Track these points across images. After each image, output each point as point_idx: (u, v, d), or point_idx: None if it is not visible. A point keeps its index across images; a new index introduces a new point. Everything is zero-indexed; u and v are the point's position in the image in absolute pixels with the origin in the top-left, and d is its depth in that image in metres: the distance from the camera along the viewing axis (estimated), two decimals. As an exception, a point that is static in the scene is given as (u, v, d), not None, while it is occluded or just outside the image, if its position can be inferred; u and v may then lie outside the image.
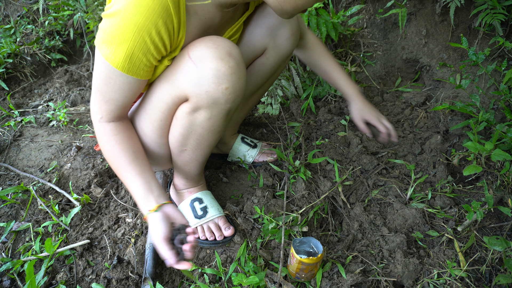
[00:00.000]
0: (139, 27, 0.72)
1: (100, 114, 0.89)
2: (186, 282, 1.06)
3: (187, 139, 0.98)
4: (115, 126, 0.91)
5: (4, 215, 1.25)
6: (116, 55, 0.76)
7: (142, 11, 0.71)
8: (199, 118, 0.91)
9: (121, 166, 0.89)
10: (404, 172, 1.32)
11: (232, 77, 0.84)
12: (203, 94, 0.84)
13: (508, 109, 1.27)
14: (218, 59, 0.81)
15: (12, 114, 1.78)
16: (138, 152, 0.92)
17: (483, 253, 1.08)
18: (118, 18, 0.72)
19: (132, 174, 0.88)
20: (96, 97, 0.87)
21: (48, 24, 2.27)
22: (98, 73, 0.83)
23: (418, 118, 1.53)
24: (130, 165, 0.89)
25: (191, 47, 0.83)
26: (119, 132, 0.91)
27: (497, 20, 1.41)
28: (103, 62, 0.79)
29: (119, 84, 0.83)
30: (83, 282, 1.06)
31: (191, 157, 1.06)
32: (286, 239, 1.11)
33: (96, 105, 0.88)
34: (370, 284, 1.01)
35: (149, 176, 0.90)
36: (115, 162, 0.90)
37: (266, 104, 1.70)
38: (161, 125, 0.97)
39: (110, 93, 0.84)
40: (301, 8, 0.81)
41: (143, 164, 0.91)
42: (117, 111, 0.89)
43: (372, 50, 1.77)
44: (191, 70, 0.83)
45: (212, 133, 0.97)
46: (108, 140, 0.90)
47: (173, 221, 0.87)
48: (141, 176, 0.88)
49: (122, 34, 0.73)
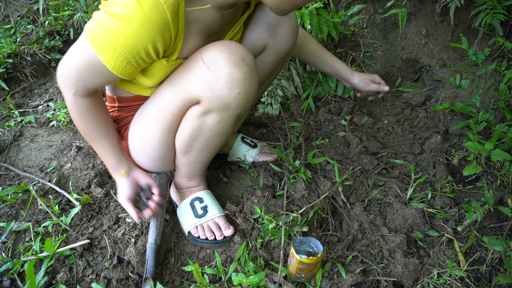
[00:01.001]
0: (137, 40, 0.72)
1: (74, 89, 0.88)
2: (186, 282, 1.06)
3: (194, 140, 0.99)
4: (90, 101, 0.93)
5: (4, 215, 1.25)
6: (107, 54, 0.76)
7: (143, 26, 0.70)
8: (209, 121, 0.92)
9: (95, 138, 1.00)
10: (404, 172, 1.32)
11: (245, 83, 0.85)
12: (216, 98, 0.85)
13: (508, 109, 1.27)
14: (232, 64, 0.82)
15: (12, 114, 1.78)
16: (110, 126, 1.02)
17: (483, 253, 1.08)
18: (119, 23, 0.71)
19: (105, 146, 1.01)
20: (72, 72, 0.85)
21: (48, 24, 2.27)
22: (80, 55, 0.81)
23: (418, 118, 1.53)
24: (103, 138, 1.00)
25: (205, 51, 0.83)
26: (93, 107, 0.94)
27: (497, 20, 1.41)
28: (90, 51, 0.78)
29: (101, 73, 0.82)
30: (83, 282, 1.06)
31: (196, 158, 1.06)
32: (286, 239, 1.11)
33: (70, 79, 0.86)
34: (370, 284, 1.01)
35: (119, 149, 1.05)
36: (89, 134, 0.99)
37: (266, 104, 1.70)
38: (171, 127, 0.98)
39: (89, 76, 0.84)
40: (299, 6, 0.81)
41: (114, 137, 1.03)
42: (93, 89, 0.90)
43: (372, 50, 1.77)
44: (205, 74, 0.83)
45: (220, 136, 0.98)
46: (83, 114, 0.94)
47: (139, 184, 1.06)
48: (113, 148, 1.02)
49: (118, 40, 0.73)
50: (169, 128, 0.99)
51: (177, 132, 1.01)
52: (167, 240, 1.15)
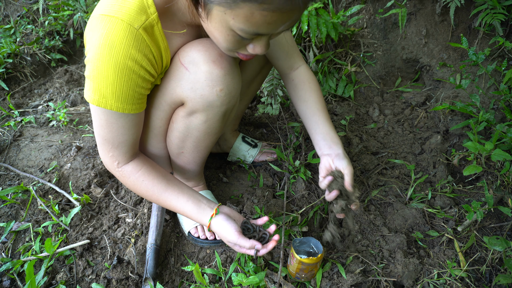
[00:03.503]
0: (119, 66, 0.71)
1: (116, 161, 0.88)
2: (186, 282, 1.06)
3: (184, 142, 0.98)
4: (135, 164, 0.90)
5: (4, 215, 1.25)
6: (108, 98, 0.75)
7: (116, 49, 0.69)
8: (195, 122, 0.91)
9: (159, 194, 0.91)
10: (404, 172, 1.32)
11: (226, 78, 0.83)
12: (198, 98, 0.84)
13: (508, 109, 1.26)
14: (210, 62, 0.80)
15: (12, 114, 1.78)
16: (167, 175, 0.94)
17: (483, 253, 1.08)
18: (98, 63, 0.71)
19: (173, 196, 0.91)
20: (104, 146, 0.85)
21: (48, 24, 2.27)
22: (98, 122, 0.81)
23: (418, 118, 1.53)
24: (167, 190, 0.91)
25: (182, 53, 0.82)
26: (140, 167, 0.90)
27: (497, 20, 1.41)
28: (99, 110, 0.78)
29: (122, 125, 0.82)
30: (83, 282, 1.06)
31: (189, 159, 1.06)
32: (286, 239, 1.11)
33: (107, 154, 0.87)
34: (370, 284, 1.01)
35: (188, 190, 0.93)
36: (151, 194, 0.91)
37: (266, 104, 1.70)
38: (161, 131, 0.98)
39: (118, 137, 0.83)
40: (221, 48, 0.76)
41: (176, 183, 0.93)
42: (130, 150, 0.88)
43: (372, 50, 1.77)
44: (184, 75, 0.82)
45: (209, 135, 0.97)
46: (135, 179, 0.90)
47: (234, 219, 0.92)
48: (183, 194, 0.91)
49: (105, 78, 0.72)
50: (159, 132, 0.98)
51: (167, 135, 1.00)
52: (167, 240, 1.15)
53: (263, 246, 0.87)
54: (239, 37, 0.67)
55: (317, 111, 1.04)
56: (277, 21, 0.62)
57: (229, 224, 0.88)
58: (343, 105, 1.63)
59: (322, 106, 1.05)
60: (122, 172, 0.90)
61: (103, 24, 0.69)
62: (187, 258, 1.11)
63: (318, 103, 1.05)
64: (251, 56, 0.77)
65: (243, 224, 0.93)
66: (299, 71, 1.08)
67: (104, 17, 0.69)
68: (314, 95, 1.06)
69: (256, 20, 0.61)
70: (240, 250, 0.90)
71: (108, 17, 0.68)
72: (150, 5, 0.71)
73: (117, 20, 0.68)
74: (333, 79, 1.71)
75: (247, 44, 0.72)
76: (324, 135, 1.01)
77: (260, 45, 0.72)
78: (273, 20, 0.61)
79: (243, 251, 0.89)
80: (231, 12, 0.61)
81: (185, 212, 0.92)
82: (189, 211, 0.91)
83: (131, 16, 0.69)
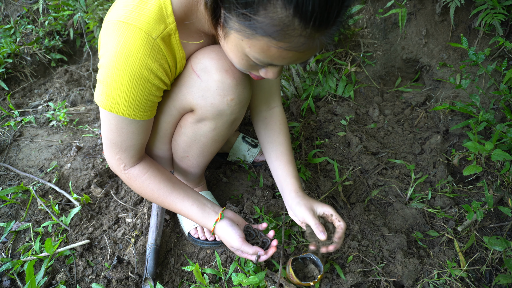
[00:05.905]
0: (134, 75, 0.71)
1: (122, 164, 0.88)
2: (186, 282, 1.06)
3: (190, 147, 0.99)
4: (141, 167, 0.90)
5: (4, 215, 1.25)
6: (120, 105, 0.75)
7: (133, 58, 0.69)
8: (204, 129, 0.91)
9: (164, 197, 0.92)
10: (404, 172, 1.32)
11: (238, 88, 0.83)
12: (208, 106, 0.84)
13: (508, 109, 1.27)
14: (222, 71, 0.80)
15: (12, 114, 1.78)
16: (172, 179, 0.94)
17: (483, 253, 1.08)
18: (113, 70, 0.70)
19: (178, 199, 0.92)
20: (112, 149, 0.85)
21: (48, 24, 2.27)
22: (108, 126, 0.81)
23: (418, 118, 1.53)
24: (172, 193, 0.91)
25: (194, 59, 0.82)
26: (147, 170, 0.90)
27: (497, 20, 1.41)
28: (110, 114, 0.78)
29: (132, 131, 0.82)
30: (83, 282, 1.06)
31: (193, 163, 1.06)
32: (286, 239, 1.11)
33: (114, 156, 0.86)
34: (370, 284, 1.01)
35: (194, 194, 0.94)
36: (157, 197, 0.91)
37: (266, 104, 1.70)
38: (167, 134, 0.98)
39: (126, 141, 0.83)
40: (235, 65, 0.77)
41: (182, 186, 0.94)
42: (138, 154, 0.88)
43: (372, 50, 1.77)
44: (196, 83, 0.82)
45: (216, 142, 0.97)
46: (141, 182, 0.90)
47: (237, 223, 0.93)
48: (188, 197, 0.92)
49: (120, 85, 0.72)
50: (165, 135, 0.98)
51: (173, 138, 1.00)
52: (167, 240, 1.15)
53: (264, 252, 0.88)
54: (253, 62, 0.69)
55: (281, 155, 1.03)
56: (292, 57, 0.63)
57: (233, 230, 0.89)
58: (343, 105, 1.63)
59: (288, 150, 1.04)
60: (128, 175, 0.90)
61: (121, 31, 0.68)
62: (187, 258, 1.11)
63: (284, 146, 1.04)
64: (262, 77, 0.78)
65: (246, 228, 0.94)
66: (274, 111, 1.07)
67: (122, 24, 0.68)
68: (282, 138, 1.05)
69: (272, 54, 0.63)
70: (241, 255, 0.91)
71: (127, 24, 0.68)
72: (169, 15, 0.71)
73: (135, 28, 0.68)
74: (333, 79, 1.71)
75: (259, 68, 0.74)
76: (285, 178, 1.00)
77: (272, 71, 0.74)
78: (288, 56, 0.63)
79: (245, 256, 0.90)
80: (248, 42, 0.63)
81: (190, 216, 0.92)
82: (194, 215, 0.92)
83: (150, 25, 0.69)
